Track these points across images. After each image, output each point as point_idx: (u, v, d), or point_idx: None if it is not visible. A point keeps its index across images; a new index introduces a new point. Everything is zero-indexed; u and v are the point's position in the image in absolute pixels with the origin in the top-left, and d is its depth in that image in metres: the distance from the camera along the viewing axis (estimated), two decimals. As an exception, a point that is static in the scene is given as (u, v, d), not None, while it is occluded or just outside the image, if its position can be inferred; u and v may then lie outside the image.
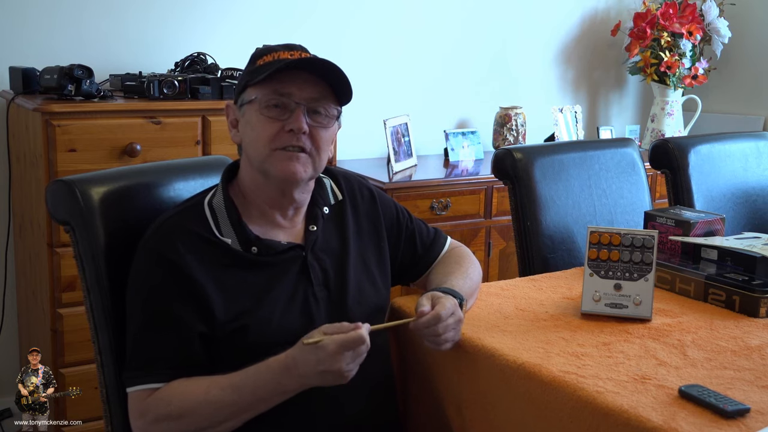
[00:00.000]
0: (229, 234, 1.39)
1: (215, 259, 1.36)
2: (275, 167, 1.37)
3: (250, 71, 1.41)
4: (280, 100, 1.36)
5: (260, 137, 1.37)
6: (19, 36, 2.62)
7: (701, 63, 3.67)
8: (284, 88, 1.36)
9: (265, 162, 1.38)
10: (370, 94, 3.25)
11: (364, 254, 1.51)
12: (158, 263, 1.33)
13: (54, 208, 1.47)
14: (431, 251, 1.63)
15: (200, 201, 1.43)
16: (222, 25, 2.94)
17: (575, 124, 3.57)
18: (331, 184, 1.54)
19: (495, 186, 2.99)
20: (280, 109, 1.37)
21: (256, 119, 1.38)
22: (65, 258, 2.28)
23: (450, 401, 1.45)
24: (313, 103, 1.38)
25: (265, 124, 1.37)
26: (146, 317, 1.33)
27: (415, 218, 1.65)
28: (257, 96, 1.37)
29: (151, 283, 1.34)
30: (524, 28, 3.67)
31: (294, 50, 1.40)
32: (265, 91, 1.37)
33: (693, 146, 2.36)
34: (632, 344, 1.38)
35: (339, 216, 1.52)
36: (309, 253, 1.44)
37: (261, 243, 1.40)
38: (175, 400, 1.29)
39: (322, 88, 1.39)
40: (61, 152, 2.26)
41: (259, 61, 1.40)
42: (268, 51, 1.41)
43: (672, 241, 1.81)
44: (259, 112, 1.37)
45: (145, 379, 1.32)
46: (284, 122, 1.36)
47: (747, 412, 1.12)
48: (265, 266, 1.39)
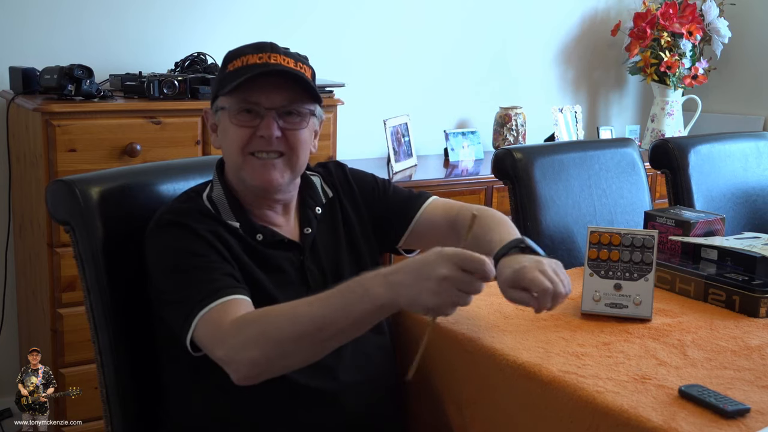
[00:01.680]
0: (234, 221, 1.40)
1: (229, 239, 1.36)
2: (250, 175, 1.38)
3: (220, 79, 1.41)
4: (250, 106, 1.37)
5: (233, 144, 1.38)
6: (19, 36, 2.62)
7: (701, 63, 3.67)
8: (252, 97, 1.36)
9: (241, 170, 1.39)
10: (370, 94, 3.25)
11: (356, 245, 1.51)
12: (182, 231, 1.32)
13: (54, 208, 1.47)
14: (409, 206, 1.57)
15: (198, 195, 1.43)
16: (222, 25, 2.94)
17: (575, 124, 3.57)
18: (321, 182, 1.54)
19: (495, 186, 2.99)
20: (251, 114, 1.37)
21: (228, 126, 1.39)
22: (65, 258, 2.28)
23: (450, 401, 1.45)
24: (283, 108, 1.38)
25: (237, 131, 1.37)
26: (186, 273, 1.29)
27: (396, 185, 1.62)
28: (227, 105, 1.38)
29: (181, 244, 1.32)
30: (524, 28, 3.66)
31: (263, 52, 1.38)
32: (234, 100, 1.37)
33: (693, 146, 2.36)
34: (632, 344, 1.38)
35: (331, 214, 1.52)
36: (307, 257, 1.44)
37: (266, 230, 1.41)
38: (258, 316, 1.22)
39: (291, 91, 1.38)
40: (61, 152, 2.26)
41: (229, 66, 1.40)
42: (237, 55, 1.40)
43: (672, 241, 1.81)
44: (230, 120, 1.38)
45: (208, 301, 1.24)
46: (255, 128, 1.37)
47: (747, 412, 1.12)
48: (269, 261, 1.39)
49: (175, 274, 1.31)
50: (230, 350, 1.21)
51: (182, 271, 1.31)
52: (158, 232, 1.36)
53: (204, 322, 1.24)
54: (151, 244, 1.37)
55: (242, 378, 1.22)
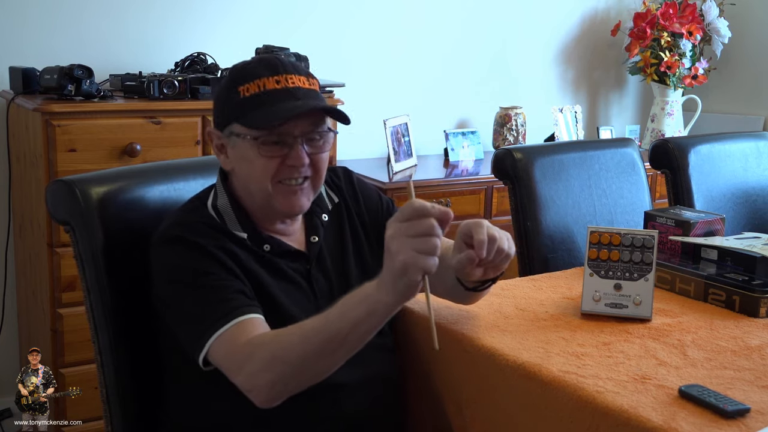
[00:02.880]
0: (241, 232, 1.39)
1: (237, 251, 1.36)
2: (279, 202, 1.37)
3: (234, 104, 1.35)
4: (278, 138, 1.35)
5: (262, 176, 1.35)
6: (19, 36, 2.62)
7: (701, 63, 3.67)
8: (281, 128, 1.33)
9: (270, 198, 1.37)
10: (370, 94, 3.25)
11: (361, 252, 1.51)
12: (188, 247, 1.32)
13: (54, 208, 1.47)
14: None
15: (202, 204, 1.42)
16: (222, 25, 2.94)
17: (575, 124, 3.57)
18: (326, 189, 1.54)
19: (495, 186, 2.99)
20: (279, 145, 1.35)
21: (253, 156, 1.35)
22: (65, 258, 2.28)
23: (450, 401, 1.45)
24: (309, 134, 1.37)
25: (265, 162, 1.35)
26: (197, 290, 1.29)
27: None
28: (249, 134, 1.34)
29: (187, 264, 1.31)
30: (524, 28, 3.67)
31: (277, 73, 1.34)
32: (260, 132, 1.33)
33: (693, 146, 2.36)
34: (632, 344, 1.38)
35: (337, 221, 1.52)
36: (313, 266, 1.44)
37: (273, 241, 1.40)
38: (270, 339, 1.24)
39: (316, 116, 1.37)
40: (61, 152, 2.26)
41: (241, 90, 1.34)
42: (250, 77, 1.34)
43: (672, 241, 1.81)
44: (256, 150, 1.34)
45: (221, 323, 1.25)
46: (283, 157, 1.35)
47: (747, 412, 1.12)
48: (275, 272, 1.39)
49: (186, 291, 1.31)
50: (248, 377, 1.23)
51: (194, 288, 1.30)
52: (166, 247, 1.35)
53: (219, 343, 1.26)
54: (158, 259, 1.36)
55: (263, 402, 1.24)
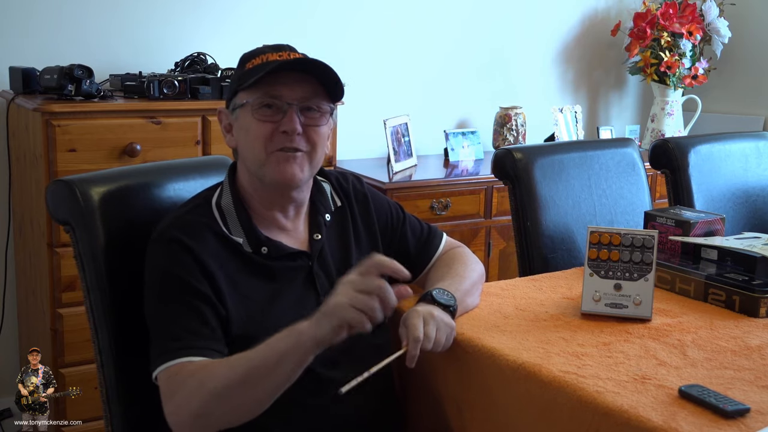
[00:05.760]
0: (239, 234, 1.39)
1: (229, 257, 1.36)
2: (272, 170, 1.38)
3: (239, 75, 1.42)
4: (272, 101, 1.37)
5: (255, 140, 1.38)
6: (19, 36, 2.62)
7: (701, 63, 3.67)
8: (274, 90, 1.37)
9: (263, 166, 1.38)
10: (370, 94, 3.25)
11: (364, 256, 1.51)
12: (181, 251, 1.33)
13: (54, 208, 1.47)
14: (425, 252, 1.61)
15: (206, 201, 1.43)
16: (222, 25, 2.94)
17: (575, 124, 3.57)
18: (331, 190, 1.54)
19: (495, 186, 2.99)
20: (273, 109, 1.37)
21: (249, 122, 1.38)
22: (65, 258, 2.28)
23: (450, 401, 1.45)
24: (304, 101, 1.38)
25: (258, 126, 1.37)
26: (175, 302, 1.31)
27: (409, 216, 1.64)
28: (249, 100, 1.38)
29: (175, 271, 1.32)
30: (524, 28, 3.66)
31: (282, 51, 1.41)
32: (257, 95, 1.37)
33: (693, 146, 2.36)
34: (632, 344, 1.38)
35: (340, 223, 1.52)
36: (315, 263, 1.44)
37: (271, 243, 1.41)
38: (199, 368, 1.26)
39: (313, 86, 1.39)
40: (61, 152, 2.26)
41: (248, 65, 1.41)
42: (256, 54, 1.41)
43: (672, 241, 1.81)
44: (251, 115, 1.38)
45: (174, 355, 1.27)
46: (277, 123, 1.37)
47: (747, 412, 1.12)
48: (273, 273, 1.40)
49: (169, 299, 1.32)
50: (175, 407, 1.26)
51: (178, 302, 1.31)
52: (160, 245, 1.36)
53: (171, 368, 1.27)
54: (153, 257, 1.37)
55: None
